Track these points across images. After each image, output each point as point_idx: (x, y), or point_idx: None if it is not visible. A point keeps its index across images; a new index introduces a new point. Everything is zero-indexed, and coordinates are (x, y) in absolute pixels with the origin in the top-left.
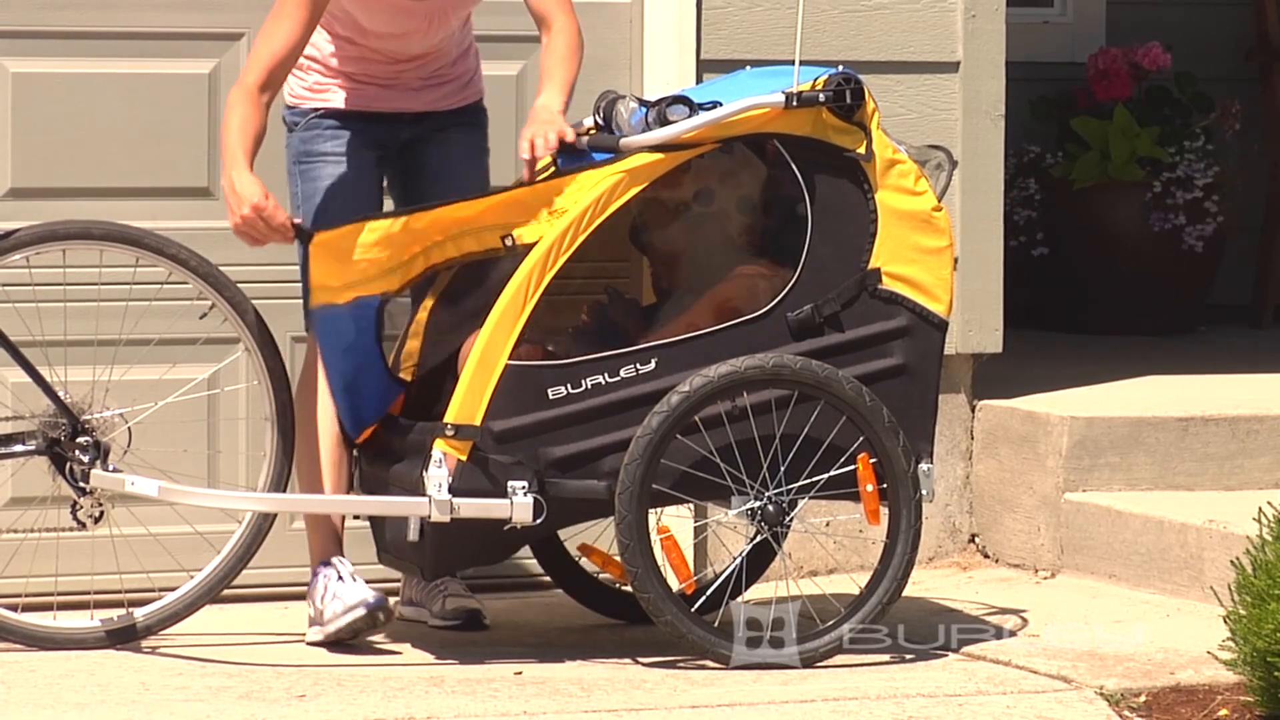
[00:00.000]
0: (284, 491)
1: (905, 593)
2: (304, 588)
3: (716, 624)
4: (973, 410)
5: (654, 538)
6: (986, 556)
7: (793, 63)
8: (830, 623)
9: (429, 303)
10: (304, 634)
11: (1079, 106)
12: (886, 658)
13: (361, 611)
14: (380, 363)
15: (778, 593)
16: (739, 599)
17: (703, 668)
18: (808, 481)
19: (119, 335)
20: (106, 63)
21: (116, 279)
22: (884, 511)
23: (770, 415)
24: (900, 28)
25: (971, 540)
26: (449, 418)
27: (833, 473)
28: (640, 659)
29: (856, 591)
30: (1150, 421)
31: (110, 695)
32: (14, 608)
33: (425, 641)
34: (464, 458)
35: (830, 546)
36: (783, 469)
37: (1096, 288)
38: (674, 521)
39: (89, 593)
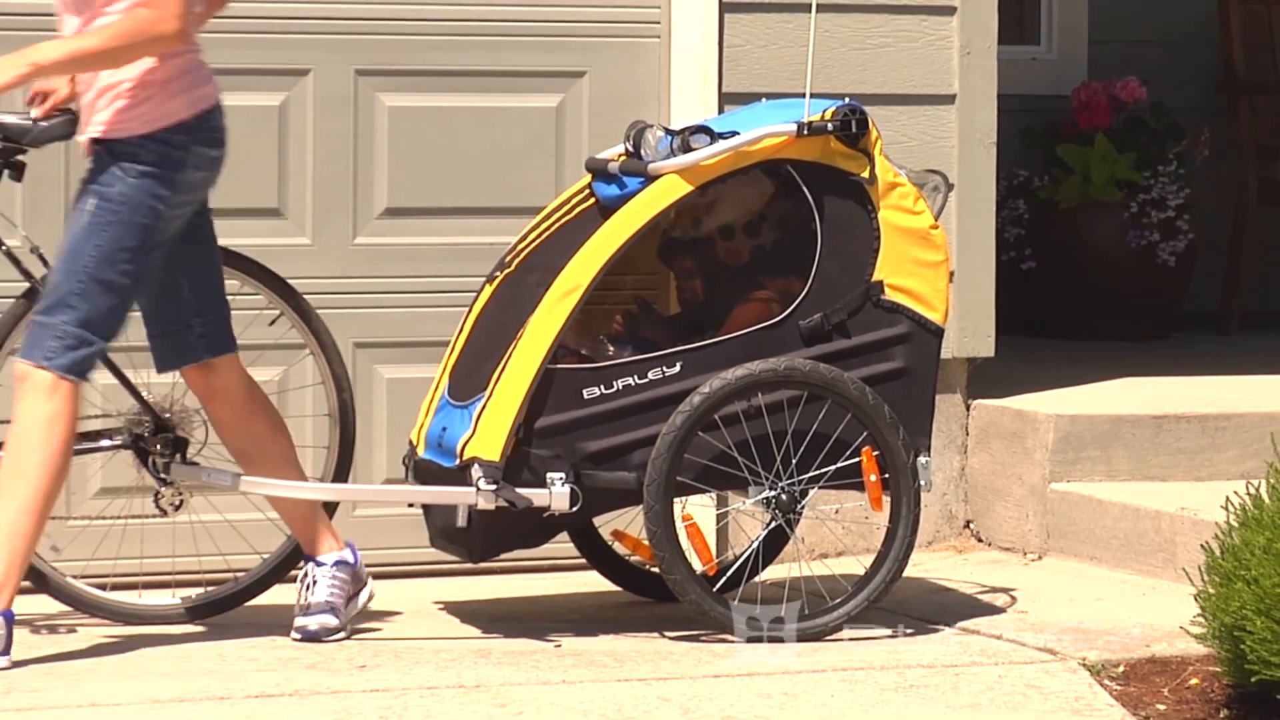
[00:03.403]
0: (345, 482)
1: (907, 573)
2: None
3: (737, 601)
4: (968, 408)
5: (679, 525)
6: (980, 540)
7: (815, 96)
8: (838, 600)
9: (483, 297)
10: (364, 607)
11: (1063, 135)
12: (890, 632)
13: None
14: None
15: (791, 573)
16: (756, 579)
17: (723, 641)
18: (817, 473)
19: None
20: None
21: None
22: (886, 500)
23: (783, 413)
24: (902, 64)
25: (966, 526)
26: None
27: (839, 465)
28: (667, 633)
29: (862, 572)
30: (1128, 419)
31: (191, 666)
32: (102, 587)
33: (474, 618)
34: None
35: (839, 531)
36: (794, 461)
37: (1079, 298)
38: (697, 510)
39: (170, 573)
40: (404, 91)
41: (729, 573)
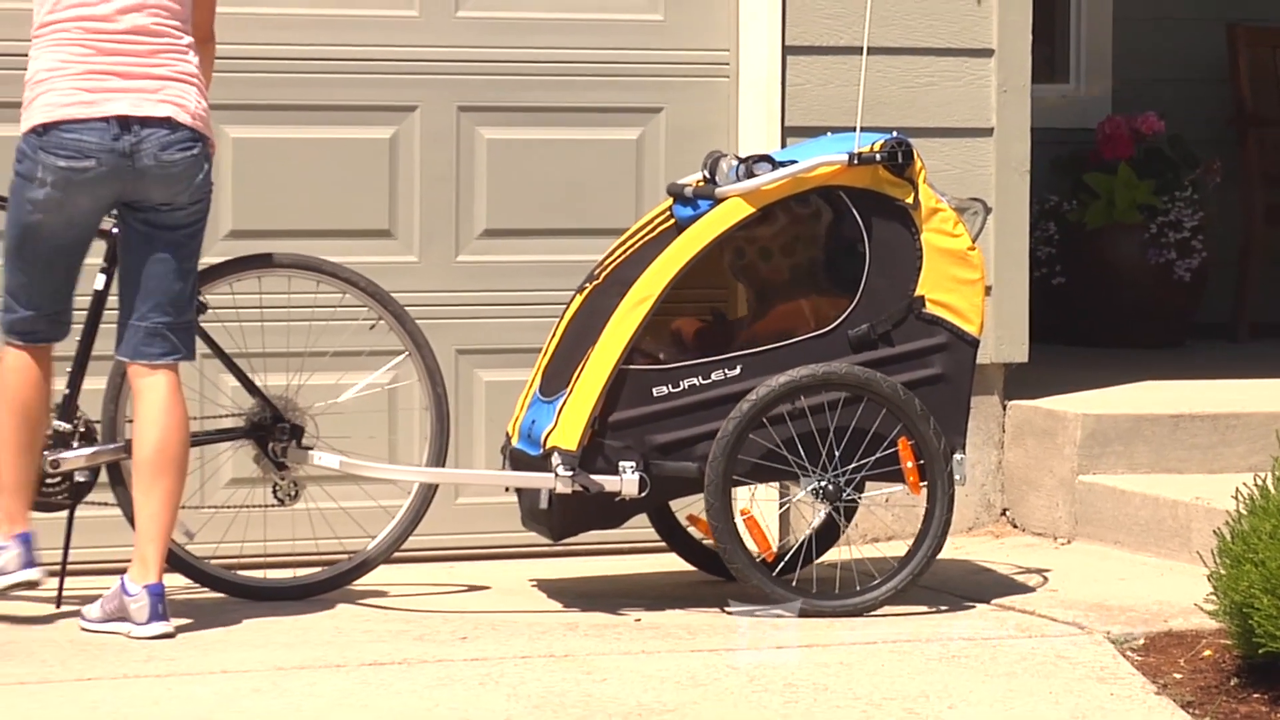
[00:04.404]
0: (443, 465)
1: (950, 556)
2: (466, 550)
3: (795, 582)
4: (1004, 409)
5: (738, 519)
6: (1015, 527)
7: (865, 129)
8: (882, 578)
9: (573, 306)
10: (466, 586)
11: (1090, 164)
12: (934, 608)
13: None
14: None
15: (843, 556)
16: (815, 561)
17: (784, 617)
18: (860, 464)
19: (306, 348)
20: (307, 129)
21: (301, 303)
22: (924, 484)
23: (829, 412)
24: (946, 100)
25: (1003, 513)
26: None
27: (878, 455)
28: (728, 609)
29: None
30: (1148, 418)
31: (310, 637)
32: (230, 567)
33: (563, 594)
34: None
35: (889, 519)
36: (838, 455)
37: (1104, 310)
38: (762, 503)
39: (291, 554)
40: (501, 126)
41: (787, 557)
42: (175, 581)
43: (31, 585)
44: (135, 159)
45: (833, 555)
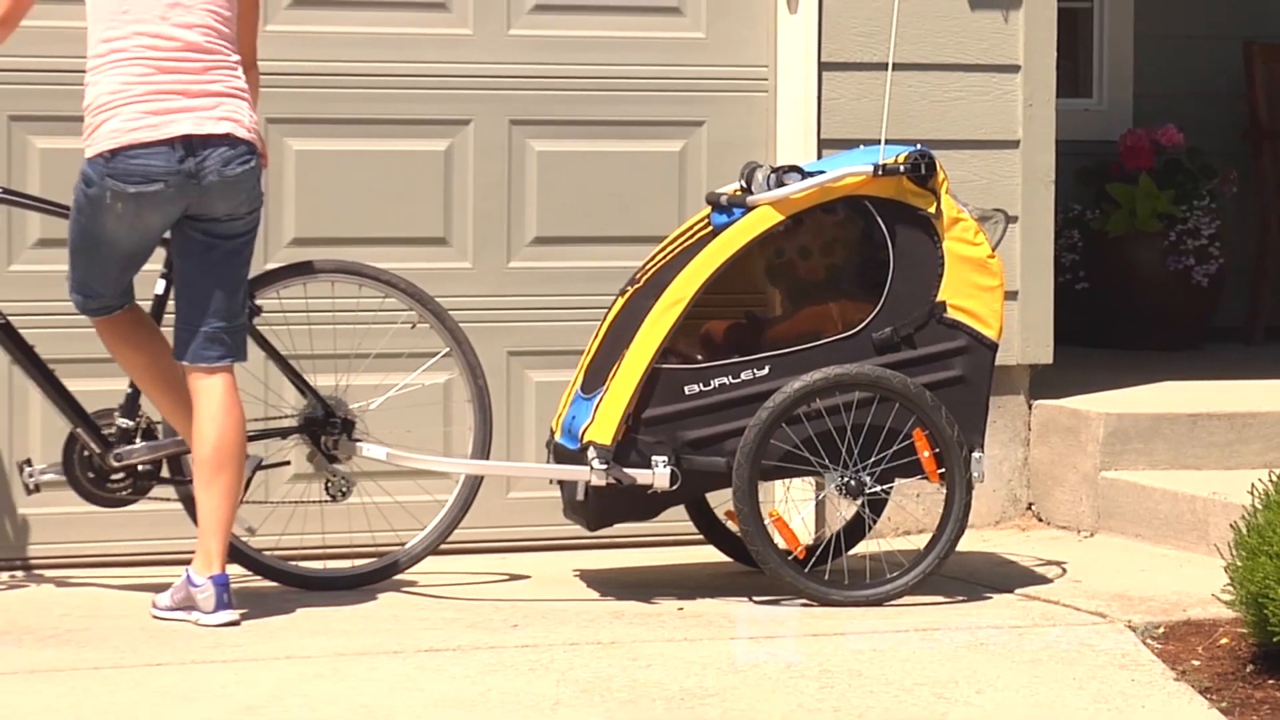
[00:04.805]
0: (487, 458)
1: (977, 548)
2: (517, 543)
3: (827, 574)
4: (1030, 408)
5: (767, 521)
6: (1040, 520)
7: (896, 141)
8: (905, 568)
9: (614, 309)
10: (516, 576)
11: (1112, 174)
12: (963, 598)
13: None
14: None
15: (875, 547)
16: (848, 552)
17: (818, 606)
18: (879, 458)
19: (352, 349)
20: (366, 142)
21: (345, 306)
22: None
23: (847, 412)
24: (974, 114)
25: (1029, 508)
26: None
27: (895, 448)
28: (761, 600)
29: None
30: (1167, 417)
31: (369, 624)
32: (288, 559)
33: (609, 584)
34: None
35: (920, 512)
36: (857, 451)
37: (1125, 314)
38: (795, 502)
39: (347, 546)
40: (550, 138)
41: (819, 551)
42: (234, 570)
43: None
44: (200, 177)
45: (863, 548)
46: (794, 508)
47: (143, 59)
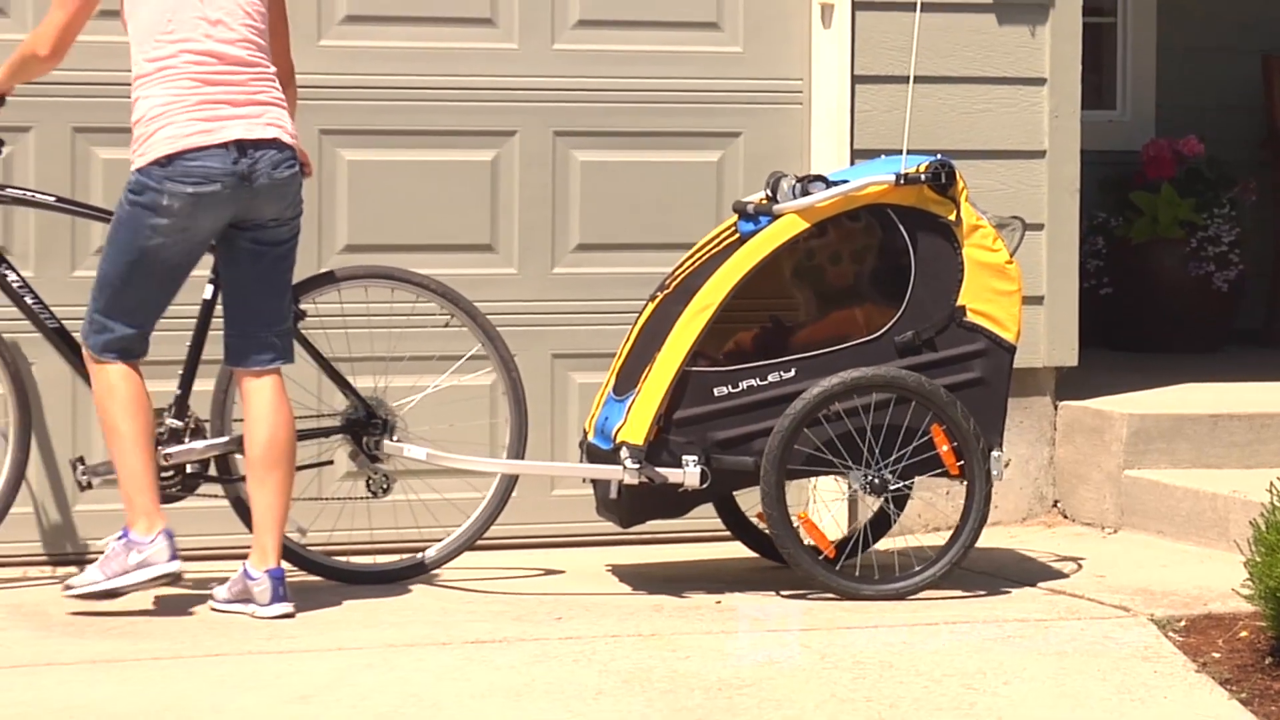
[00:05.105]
0: (524, 453)
1: (1004, 544)
2: (551, 539)
3: (857, 570)
4: (1055, 409)
5: (795, 523)
6: (1066, 517)
7: (922, 151)
8: (927, 563)
9: (645, 313)
10: (557, 571)
11: (1135, 183)
12: (990, 591)
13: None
14: None
15: (902, 544)
16: (870, 549)
17: (851, 600)
18: (900, 455)
19: (391, 351)
20: (416, 152)
21: (381, 310)
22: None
23: (866, 414)
24: (1002, 125)
25: (1054, 505)
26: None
27: (914, 444)
28: (785, 592)
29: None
30: (1189, 417)
31: (418, 616)
32: (334, 554)
33: (649, 580)
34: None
35: (949, 510)
36: (879, 449)
37: (1148, 318)
38: (825, 496)
39: (392, 541)
40: (593, 149)
41: (847, 549)
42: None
43: (175, 578)
44: (253, 179)
45: (887, 543)
46: (823, 506)
47: (190, 74)
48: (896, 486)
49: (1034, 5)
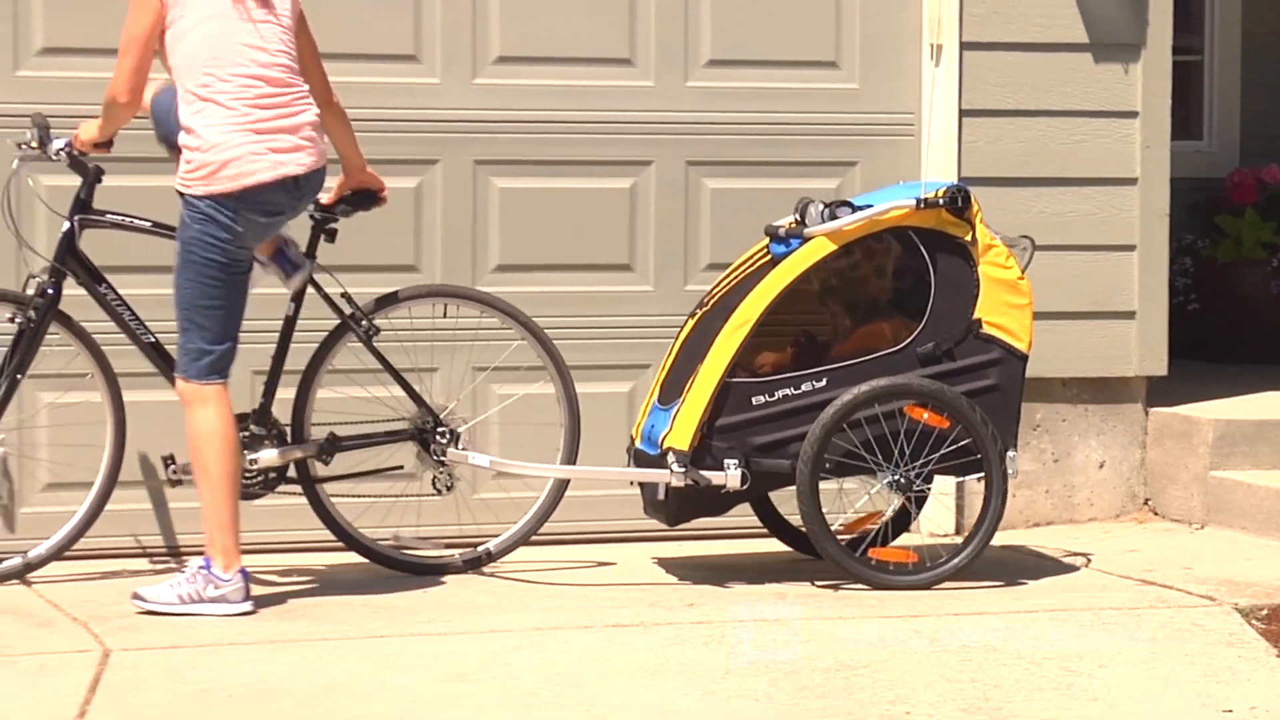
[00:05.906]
0: (577, 459)
1: (1100, 538)
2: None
3: (891, 565)
4: (1146, 414)
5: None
6: (1156, 514)
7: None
8: (948, 556)
9: (686, 328)
10: (694, 560)
11: (1220, 208)
12: (1086, 582)
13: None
14: None
15: (923, 540)
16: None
17: (959, 588)
18: (926, 459)
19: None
20: (560, 180)
21: (447, 326)
22: (941, 418)
23: (887, 421)
24: (1098, 155)
25: (1145, 503)
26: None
27: (935, 443)
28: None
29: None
30: (1270, 422)
31: (563, 603)
32: (399, 547)
33: (768, 573)
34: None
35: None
36: (896, 451)
37: (1232, 332)
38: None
39: (456, 536)
40: (723, 178)
41: (864, 542)
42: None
43: (247, 615)
44: (303, 200)
45: (909, 540)
46: (933, 498)
47: (241, 99)
48: (920, 488)
49: (1127, 45)
